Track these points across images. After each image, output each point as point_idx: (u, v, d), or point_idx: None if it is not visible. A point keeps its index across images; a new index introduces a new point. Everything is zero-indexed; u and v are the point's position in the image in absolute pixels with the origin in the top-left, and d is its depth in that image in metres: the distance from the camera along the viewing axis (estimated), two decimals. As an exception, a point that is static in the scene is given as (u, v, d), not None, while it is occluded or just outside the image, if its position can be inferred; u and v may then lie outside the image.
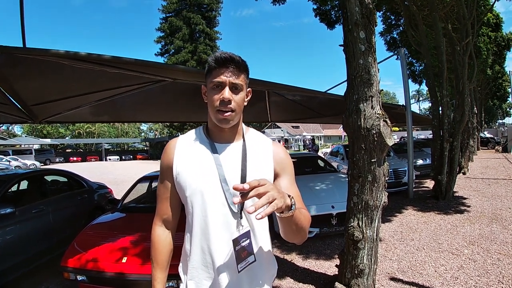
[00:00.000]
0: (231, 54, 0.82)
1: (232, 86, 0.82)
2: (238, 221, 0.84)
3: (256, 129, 1.00)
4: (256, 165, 0.87)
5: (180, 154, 0.89)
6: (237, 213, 0.85)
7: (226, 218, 0.84)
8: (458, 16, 6.57)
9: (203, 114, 5.84)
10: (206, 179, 0.84)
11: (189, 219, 0.88)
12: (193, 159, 0.87)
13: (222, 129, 0.87)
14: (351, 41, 1.88)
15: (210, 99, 0.84)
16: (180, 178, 0.87)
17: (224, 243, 0.83)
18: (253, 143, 0.92)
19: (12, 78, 2.36)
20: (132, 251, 2.23)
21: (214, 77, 0.82)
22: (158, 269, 0.94)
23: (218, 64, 0.81)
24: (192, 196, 0.85)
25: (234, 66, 0.81)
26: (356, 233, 1.97)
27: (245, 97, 0.88)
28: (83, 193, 4.18)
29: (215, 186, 0.84)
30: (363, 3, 1.84)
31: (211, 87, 0.83)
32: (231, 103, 0.81)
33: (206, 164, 0.86)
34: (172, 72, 2.45)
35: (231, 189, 0.83)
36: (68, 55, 1.78)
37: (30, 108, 3.36)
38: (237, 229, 0.84)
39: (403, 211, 4.89)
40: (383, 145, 1.81)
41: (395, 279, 2.62)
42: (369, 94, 1.84)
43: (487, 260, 2.87)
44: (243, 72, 0.84)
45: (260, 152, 0.90)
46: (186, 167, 0.86)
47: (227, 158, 0.87)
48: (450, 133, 5.57)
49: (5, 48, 1.59)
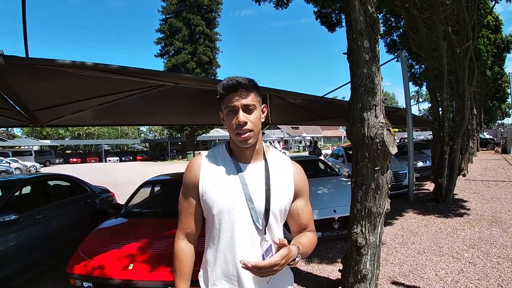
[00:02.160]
0: (237, 78, 0.86)
1: (245, 108, 0.86)
2: (262, 237, 0.89)
3: None
4: (279, 186, 0.93)
5: (206, 172, 0.93)
6: (262, 230, 0.89)
7: (251, 234, 0.89)
8: (458, 19, 6.61)
9: (203, 117, 5.88)
10: (233, 198, 0.89)
11: (213, 233, 0.92)
12: (219, 178, 0.91)
13: (244, 149, 0.92)
14: (355, 50, 1.91)
15: (228, 124, 0.89)
16: (207, 196, 0.90)
17: (249, 257, 0.87)
18: (274, 163, 0.97)
19: (15, 84, 2.36)
20: (138, 258, 2.23)
21: (227, 104, 0.87)
22: (182, 280, 0.98)
23: (227, 92, 0.86)
24: (219, 214, 0.89)
25: (242, 89, 0.85)
26: (359, 239, 2.00)
27: (261, 114, 0.92)
28: (86, 198, 4.19)
29: (242, 204, 0.88)
30: (367, 12, 1.87)
31: (226, 113, 0.89)
32: (247, 124, 0.86)
33: (232, 183, 0.90)
34: (175, 79, 2.47)
35: (256, 208, 0.89)
36: (74, 65, 1.78)
37: (32, 113, 3.38)
38: (261, 245, 0.89)
39: (404, 214, 4.93)
40: (386, 154, 1.84)
41: (397, 283, 2.65)
42: (372, 103, 1.87)
43: (487, 264, 2.90)
44: (252, 91, 0.88)
45: (281, 173, 0.96)
46: (213, 186, 0.90)
47: (252, 178, 0.92)
48: (450, 136, 5.61)
49: (10, 58, 1.57)
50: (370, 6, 1.95)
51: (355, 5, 1.90)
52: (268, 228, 0.91)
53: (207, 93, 3.01)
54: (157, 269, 2.12)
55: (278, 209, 0.91)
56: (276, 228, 0.93)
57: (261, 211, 0.89)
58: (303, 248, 0.90)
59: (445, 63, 5.55)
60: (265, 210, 0.89)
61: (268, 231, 0.91)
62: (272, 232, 0.92)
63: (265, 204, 0.89)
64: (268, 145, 1.02)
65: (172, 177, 4.00)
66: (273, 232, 0.92)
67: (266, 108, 0.95)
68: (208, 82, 2.43)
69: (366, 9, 1.93)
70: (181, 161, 29.33)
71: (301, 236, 0.97)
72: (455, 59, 6.13)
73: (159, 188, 4.07)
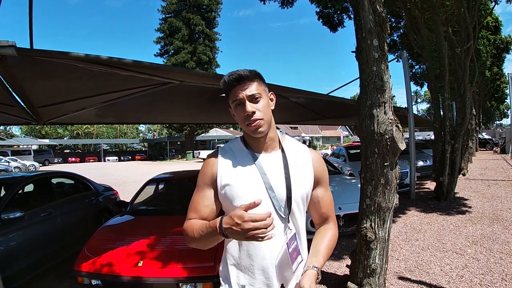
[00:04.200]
0: (237, 72, 0.86)
1: (250, 98, 0.86)
2: (285, 225, 0.89)
3: None
4: (299, 173, 0.92)
5: (223, 166, 0.92)
6: (285, 218, 0.89)
7: (275, 223, 0.87)
8: (458, 19, 6.67)
9: (206, 115, 5.88)
10: (254, 189, 0.88)
11: None
12: (237, 170, 0.91)
13: (258, 139, 0.91)
14: (365, 49, 1.94)
15: (238, 117, 0.89)
16: (227, 189, 0.90)
17: (276, 246, 0.87)
18: (292, 151, 0.96)
19: (22, 79, 2.30)
20: (148, 255, 2.22)
21: (233, 98, 0.87)
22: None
23: (229, 87, 0.87)
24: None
25: (244, 81, 0.86)
26: (369, 234, 2.02)
27: (269, 102, 0.91)
28: (90, 196, 4.17)
29: (263, 194, 0.87)
30: (377, 12, 1.90)
31: (234, 107, 0.89)
32: (256, 113, 0.86)
33: (251, 174, 0.90)
34: (183, 75, 2.46)
35: (278, 196, 0.88)
36: (88, 58, 1.72)
37: (37, 110, 3.34)
38: (284, 233, 0.89)
39: (406, 212, 4.97)
40: (395, 150, 1.87)
41: (404, 278, 2.69)
42: (382, 100, 1.90)
43: (490, 259, 2.94)
44: (255, 80, 0.87)
45: (300, 160, 0.95)
46: (233, 179, 0.90)
47: (270, 167, 0.91)
48: (451, 136, 5.66)
49: (23, 50, 1.53)
50: (378, 5, 1.97)
51: (365, 4, 1.93)
52: (291, 216, 0.90)
53: (210, 91, 3.01)
54: (168, 265, 2.10)
55: (300, 196, 0.91)
56: (299, 216, 0.93)
57: (283, 199, 0.88)
58: (323, 258, 0.89)
59: (446, 64, 5.60)
60: (287, 198, 0.88)
61: (292, 219, 0.91)
62: (296, 220, 0.92)
63: (286, 192, 0.88)
64: (283, 134, 1.01)
65: (178, 175, 4.01)
66: (297, 220, 0.92)
67: (274, 95, 0.94)
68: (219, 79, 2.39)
69: (375, 8, 1.96)
70: (180, 160, 29.28)
71: (321, 241, 0.95)
72: (455, 60, 6.18)
73: (165, 185, 4.07)
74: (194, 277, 2.01)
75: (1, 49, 1.47)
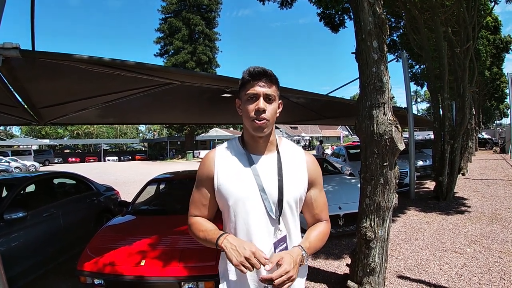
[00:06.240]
0: (263, 68, 0.90)
1: (266, 97, 0.89)
2: (276, 227, 0.92)
3: None
4: (292, 176, 0.95)
5: (220, 165, 0.95)
6: (276, 220, 0.92)
7: (266, 224, 0.91)
8: (458, 20, 6.69)
9: (207, 115, 5.91)
10: (247, 189, 0.91)
11: (230, 226, 0.95)
12: (233, 170, 0.94)
13: (257, 140, 0.94)
14: (364, 50, 1.96)
15: (245, 110, 0.90)
16: (222, 188, 0.93)
17: (266, 247, 0.90)
18: (287, 154, 0.99)
19: (25, 80, 2.32)
20: (150, 254, 2.23)
21: (249, 89, 0.89)
22: (213, 229, 0.96)
23: (252, 77, 0.89)
24: (235, 205, 0.92)
25: (266, 79, 0.89)
26: (369, 233, 2.05)
27: (277, 108, 0.94)
28: (92, 196, 4.20)
29: (255, 195, 0.91)
30: (376, 13, 1.92)
31: (246, 99, 0.90)
32: (265, 112, 0.88)
33: (245, 175, 0.92)
34: (185, 76, 2.48)
35: (270, 198, 0.91)
36: (91, 60, 1.74)
37: (39, 111, 3.36)
38: (274, 234, 0.91)
39: (406, 212, 4.99)
40: (395, 150, 1.89)
41: (403, 277, 2.71)
42: (381, 101, 1.92)
43: (489, 258, 2.97)
44: (275, 84, 0.92)
45: (294, 163, 0.98)
46: (228, 178, 0.93)
47: (264, 169, 0.94)
48: (451, 135, 5.68)
49: (27, 52, 1.56)
50: (378, 7, 2.00)
51: (364, 6, 1.95)
52: (282, 218, 0.93)
53: (210, 91, 3.02)
54: (170, 264, 2.12)
55: (293, 198, 0.93)
56: (291, 218, 0.95)
57: (275, 201, 0.91)
58: (310, 243, 0.92)
59: (446, 64, 5.62)
60: (278, 200, 0.91)
61: (283, 221, 0.93)
62: (287, 221, 0.94)
63: (278, 194, 0.91)
64: (280, 136, 1.04)
65: (178, 175, 4.03)
66: (288, 221, 0.94)
67: (281, 105, 0.97)
68: (224, 80, 2.39)
69: (375, 10, 1.98)
70: (180, 160, 29.29)
71: (311, 231, 0.99)
72: (455, 60, 6.20)
73: (166, 185, 4.09)
74: (196, 276, 2.03)
75: (6, 51, 1.50)
